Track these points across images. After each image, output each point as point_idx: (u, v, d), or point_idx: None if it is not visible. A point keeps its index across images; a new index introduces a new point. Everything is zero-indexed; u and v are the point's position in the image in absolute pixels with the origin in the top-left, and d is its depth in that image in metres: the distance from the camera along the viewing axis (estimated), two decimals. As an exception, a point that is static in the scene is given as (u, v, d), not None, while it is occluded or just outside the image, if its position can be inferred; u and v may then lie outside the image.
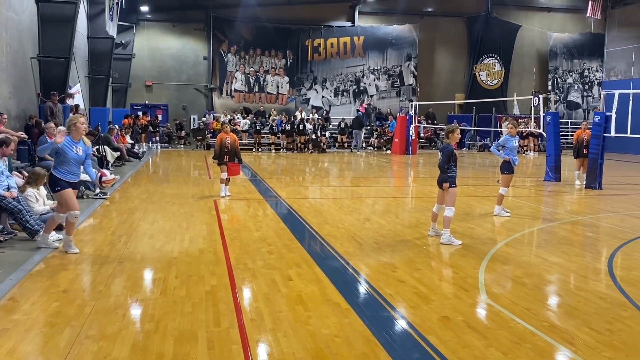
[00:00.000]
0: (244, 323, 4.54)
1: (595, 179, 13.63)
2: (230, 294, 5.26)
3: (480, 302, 5.25)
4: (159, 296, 5.21)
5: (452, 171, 7.70)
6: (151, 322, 4.55)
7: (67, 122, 6.79)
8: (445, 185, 7.66)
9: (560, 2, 31.25)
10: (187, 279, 5.71)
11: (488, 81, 30.79)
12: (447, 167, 7.66)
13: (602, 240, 8.24)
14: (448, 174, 7.66)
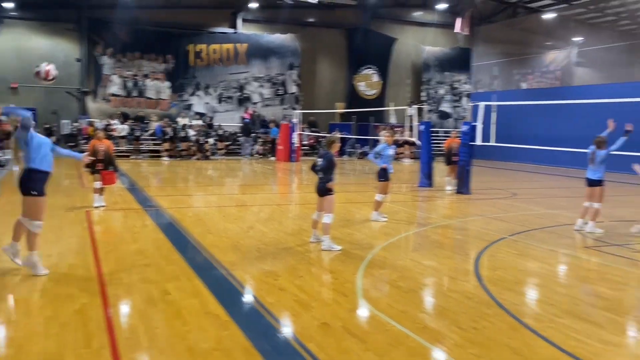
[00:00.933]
0: (117, 342, 4.31)
1: (464, 184, 14.60)
2: (102, 312, 4.97)
3: (358, 306, 5.40)
4: (22, 318, 4.80)
5: (332, 178, 7.87)
6: (11, 347, 4.18)
7: None
8: (331, 184, 7.80)
9: (432, 18, 33.20)
10: (54, 298, 5.32)
11: (367, 91, 31.97)
12: (329, 172, 7.81)
13: (470, 242, 8.83)
14: (329, 179, 7.81)
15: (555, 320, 5.08)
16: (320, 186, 7.93)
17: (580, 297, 5.90)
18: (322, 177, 7.89)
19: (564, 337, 4.68)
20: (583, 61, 31.50)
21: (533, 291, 6.32)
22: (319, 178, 7.93)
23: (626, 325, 5.12)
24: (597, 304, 5.65)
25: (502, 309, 5.39)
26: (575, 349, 4.42)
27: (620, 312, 5.42)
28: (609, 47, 29.21)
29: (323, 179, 7.87)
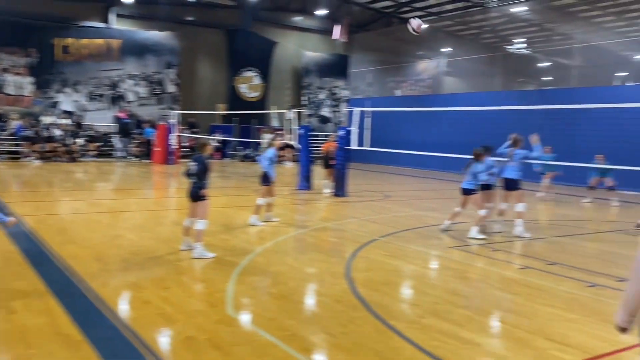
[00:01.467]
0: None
1: (341, 187, 14.90)
2: None
3: (226, 317, 5.22)
4: None
5: (205, 183, 7.62)
6: None
7: None
8: (204, 191, 7.53)
9: (312, 23, 33.72)
10: None
11: (248, 93, 31.73)
12: (203, 177, 7.56)
13: (345, 244, 8.96)
14: (203, 184, 7.56)
15: (418, 321, 5.24)
16: (192, 191, 7.64)
17: (443, 296, 6.16)
18: (195, 181, 7.60)
19: (426, 337, 4.82)
20: (451, 71, 33.60)
21: (400, 292, 6.51)
22: (192, 183, 7.64)
23: (482, 322, 5.40)
24: (457, 302, 5.93)
25: (370, 311, 5.47)
26: (436, 349, 4.57)
27: (477, 310, 5.72)
28: (473, 58, 31.40)
29: (196, 184, 7.59)
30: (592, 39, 26.21)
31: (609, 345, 4.74)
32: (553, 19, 28.54)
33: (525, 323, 5.27)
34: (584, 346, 4.74)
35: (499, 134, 22.36)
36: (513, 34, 32.30)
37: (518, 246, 9.32)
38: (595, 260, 8.40)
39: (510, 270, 7.54)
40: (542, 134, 21.49)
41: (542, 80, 37.73)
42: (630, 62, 30.99)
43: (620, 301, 2.70)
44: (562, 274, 7.29)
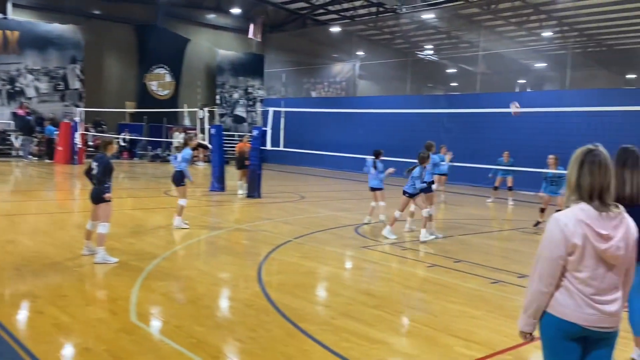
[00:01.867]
0: None
1: (255, 188, 14.70)
2: None
3: (129, 325, 4.93)
4: None
5: (108, 184, 7.21)
6: None
7: None
8: (108, 195, 7.12)
9: (226, 21, 33.20)
10: None
11: (159, 91, 30.73)
12: (106, 178, 7.15)
13: (258, 247, 8.79)
14: (105, 185, 7.15)
15: (330, 322, 5.20)
16: (94, 193, 7.21)
17: (355, 297, 6.17)
18: (97, 182, 7.18)
19: (337, 339, 4.79)
20: (365, 74, 34.27)
21: (312, 294, 6.45)
22: (94, 184, 7.21)
23: (393, 322, 5.45)
24: (369, 302, 5.95)
25: (281, 314, 5.37)
26: (347, 351, 4.54)
27: (388, 310, 5.77)
28: (385, 62, 32.20)
29: (98, 185, 7.17)
30: (495, 47, 27.61)
31: (511, 340, 4.91)
32: (459, 27, 29.80)
33: (433, 321, 5.37)
34: (488, 342, 4.88)
35: (411, 137, 23.15)
36: (423, 40, 33.44)
37: (427, 245, 9.55)
38: (498, 257, 8.77)
39: (420, 268, 7.71)
40: (449, 137, 22.44)
41: (449, 85, 39.41)
42: (530, 70, 32.96)
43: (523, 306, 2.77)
44: (467, 271, 7.54)
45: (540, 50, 30.82)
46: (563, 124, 18.84)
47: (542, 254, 2.73)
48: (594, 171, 2.69)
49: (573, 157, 2.80)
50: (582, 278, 2.67)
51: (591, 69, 31.46)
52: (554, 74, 34.54)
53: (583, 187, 2.69)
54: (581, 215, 2.66)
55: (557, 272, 2.68)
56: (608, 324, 2.68)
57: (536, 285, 2.73)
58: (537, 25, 27.50)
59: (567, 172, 2.80)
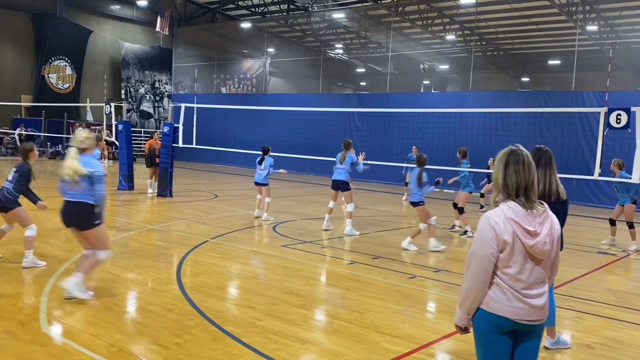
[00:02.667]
0: None
1: (166, 187, 14.24)
2: None
3: (41, 335, 4.59)
4: None
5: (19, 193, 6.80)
6: None
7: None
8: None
9: (132, 13, 31.88)
10: None
11: (59, 84, 28.96)
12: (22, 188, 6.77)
13: (173, 248, 8.53)
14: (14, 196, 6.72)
15: (255, 324, 5.13)
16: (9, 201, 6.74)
17: (279, 296, 6.13)
18: (9, 189, 6.72)
19: (265, 340, 4.73)
20: (275, 71, 34.21)
21: (235, 295, 6.34)
22: (5, 190, 6.72)
23: (319, 320, 5.47)
24: (293, 302, 5.94)
25: (205, 318, 5.23)
26: (275, 352, 4.50)
27: (311, 308, 5.78)
28: (296, 60, 32.32)
29: (10, 192, 6.72)
30: (402, 49, 28.54)
31: (434, 334, 5.08)
32: (368, 28, 30.49)
33: (357, 318, 5.45)
34: (412, 336, 5.02)
35: (322, 134, 23.39)
36: (333, 39, 33.88)
37: (345, 242, 9.69)
38: (413, 253, 9.04)
39: (340, 266, 7.80)
40: (359, 135, 22.87)
41: (359, 84, 40.28)
42: (434, 72, 34.36)
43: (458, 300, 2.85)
44: (385, 267, 7.73)
45: (444, 52, 32.27)
46: (466, 123, 19.79)
47: (475, 251, 2.83)
48: (519, 170, 2.84)
49: (498, 158, 2.94)
50: (511, 274, 2.80)
51: (490, 71, 33.39)
52: (456, 76, 36.37)
53: (510, 186, 2.83)
54: (510, 213, 2.79)
55: (489, 268, 2.79)
56: (537, 317, 2.83)
57: (470, 282, 2.83)
58: (442, 28, 28.70)
59: (494, 173, 2.94)
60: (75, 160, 5.47)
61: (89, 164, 5.51)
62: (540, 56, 32.18)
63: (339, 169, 10.55)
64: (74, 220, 5.59)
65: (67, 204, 5.57)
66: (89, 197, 5.49)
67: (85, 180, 5.43)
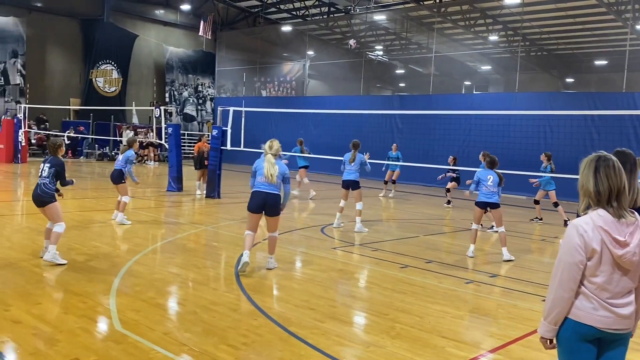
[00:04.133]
0: None
1: (214, 188, 14.48)
2: None
3: (115, 333, 4.76)
4: None
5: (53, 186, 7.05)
6: None
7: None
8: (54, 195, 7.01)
9: (175, 18, 32.53)
10: None
11: (105, 88, 29.75)
12: (56, 180, 7.05)
13: (227, 248, 8.68)
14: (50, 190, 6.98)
15: (318, 326, 5.19)
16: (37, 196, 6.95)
17: (336, 298, 6.19)
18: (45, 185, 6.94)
19: (329, 342, 4.78)
20: (314, 73, 34.33)
21: (294, 296, 6.41)
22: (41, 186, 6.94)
23: (380, 324, 5.49)
24: (352, 304, 5.98)
25: (269, 318, 5.32)
26: (341, 354, 4.55)
27: (371, 311, 5.81)
28: (335, 62, 32.38)
29: (46, 187, 6.93)
30: (443, 50, 28.27)
31: (498, 340, 5.05)
32: (410, 29, 30.34)
33: (419, 322, 5.45)
34: (477, 341, 5.01)
35: (362, 136, 23.35)
36: (374, 41, 33.81)
37: (394, 245, 9.68)
38: (466, 257, 8.97)
39: (393, 269, 7.79)
40: (400, 137, 22.78)
41: (398, 86, 40.06)
42: (476, 73, 33.93)
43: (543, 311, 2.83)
44: (440, 271, 7.70)
45: (487, 53, 31.83)
46: (512, 125, 19.50)
47: (562, 259, 2.80)
48: (610, 175, 2.78)
49: (584, 166, 2.88)
50: (598, 283, 2.76)
51: (533, 72, 32.77)
52: (499, 76, 35.81)
53: (602, 192, 2.78)
54: (599, 221, 2.76)
55: (577, 276, 2.76)
56: (623, 325, 2.79)
57: (558, 292, 2.79)
58: (484, 29, 28.34)
59: (582, 180, 2.88)
60: (273, 164, 7.10)
61: (282, 167, 7.19)
62: (586, 56, 31.43)
63: (348, 169, 10.67)
64: (270, 208, 7.10)
65: (264, 194, 7.05)
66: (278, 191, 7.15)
67: (279, 178, 7.08)
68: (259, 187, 7.08)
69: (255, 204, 7.11)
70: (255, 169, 7.23)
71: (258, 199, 7.07)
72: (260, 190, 7.06)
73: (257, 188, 7.12)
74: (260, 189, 7.07)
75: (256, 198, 7.09)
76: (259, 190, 7.07)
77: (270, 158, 7.15)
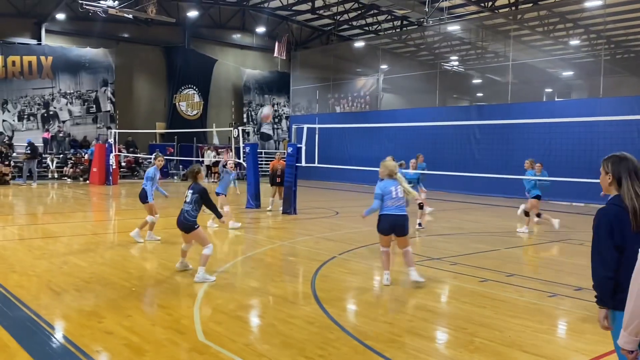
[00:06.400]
0: None
1: (290, 204, 14.78)
2: None
3: (198, 344, 4.98)
4: None
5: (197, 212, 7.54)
6: None
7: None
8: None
9: (251, 41, 33.64)
10: None
11: (188, 111, 31.15)
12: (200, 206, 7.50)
13: (304, 263, 8.83)
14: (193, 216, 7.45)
15: (395, 340, 5.19)
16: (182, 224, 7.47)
17: (414, 313, 6.15)
18: (188, 210, 7.43)
19: (407, 356, 4.77)
20: (388, 87, 34.30)
21: (370, 310, 6.43)
22: (185, 212, 7.43)
23: (459, 338, 5.41)
24: (430, 318, 5.93)
25: (345, 331, 5.38)
26: (418, 367, 4.53)
27: (449, 326, 5.73)
28: (410, 75, 32.22)
29: (189, 213, 7.42)
30: (522, 57, 27.47)
31: (582, 355, 4.84)
32: (485, 38, 29.74)
33: (498, 336, 5.32)
34: (560, 357, 4.82)
35: (438, 148, 23.07)
36: (448, 51, 33.41)
37: (474, 259, 9.47)
38: (547, 270, 8.64)
39: (473, 283, 7.64)
40: (478, 148, 22.26)
41: (475, 96, 39.22)
42: (557, 79, 32.66)
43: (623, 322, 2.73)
44: (521, 284, 7.47)
45: (568, 58, 30.61)
46: (597, 132, 18.60)
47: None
48: None
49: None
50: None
51: (620, 75, 31.10)
52: (581, 82, 34.27)
53: None
54: None
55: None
56: None
57: (637, 301, 2.68)
58: (564, 34, 27.32)
59: None
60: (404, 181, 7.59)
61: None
62: (678, 56, 29.53)
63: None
64: (400, 230, 7.39)
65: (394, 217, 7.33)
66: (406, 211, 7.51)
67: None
68: (389, 211, 7.34)
69: (388, 227, 7.40)
70: (382, 192, 7.38)
71: (389, 222, 7.36)
72: (390, 214, 7.33)
73: (386, 211, 7.36)
74: (390, 212, 7.33)
75: (387, 222, 7.37)
76: (389, 214, 7.34)
77: (401, 177, 7.54)
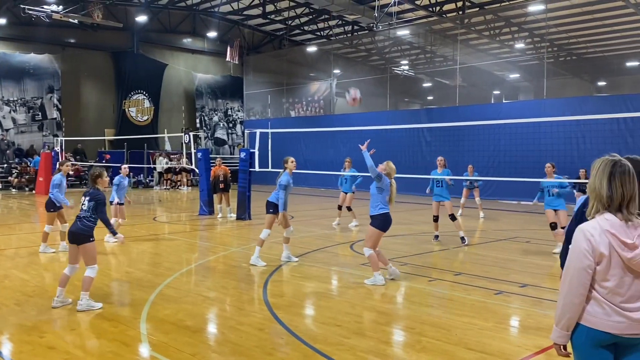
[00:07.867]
0: None
1: (245, 210, 14.67)
2: None
3: (143, 356, 4.88)
4: None
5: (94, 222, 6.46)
6: None
7: None
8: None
9: (203, 45, 33.28)
10: None
11: (138, 117, 30.54)
12: (96, 215, 6.44)
13: (255, 269, 8.76)
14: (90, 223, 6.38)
15: (344, 342, 5.21)
16: (75, 231, 6.28)
17: (363, 314, 6.19)
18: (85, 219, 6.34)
19: (354, 358, 4.80)
20: (342, 92, 34.53)
21: (320, 314, 6.44)
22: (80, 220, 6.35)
23: (407, 338, 5.48)
24: (379, 319, 5.98)
25: (294, 336, 5.37)
26: (366, 369, 4.56)
27: (398, 326, 5.80)
28: (362, 79, 32.52)
29: (82, 223, 6.31)
30: (470, 61, 28.15)
31: (525, 350, 4.98)
32: (434, 42, 30.34)
33: (445, 335, 5.41)
34: (504, 353, 4.94)
35: (391, 151, 23.35)
36: (398, 56, 33.92)
37: (423, 259, 9.62)
38: (494, 268, 8.86)
39: (422, 283, 7.76)
40: (429, 150, 22.66)
41: (426, 99, 39.95)
42: (505, 81, 33.60)
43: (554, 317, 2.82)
44: (468, 283, 7.63)
45: (514, 61, 31.55)
46: (542, 133, 19.22)
47: (570, 265, 2.79)
48: (625, 182, 2.75)
49: (599, 169, 2.82)
50: (609, 287, 2.73)
51: (564, 77, 32.27)
52: (528, 84, 35.39)
53: (615, 198, 2.75)
54: (606, 225, 2.74)
55: (587, 281, 2.74)
56: (638, 330, 2.75)
57: (567, 297, 2.78)
58: (510, 37, 28.15)
59: (594, 183, 2.84)
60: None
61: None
62: (617, 58, 30.81)
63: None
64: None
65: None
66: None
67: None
68: (389, 210, 7.63)
69: (389, 226, 7.74)
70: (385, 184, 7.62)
71: (390, 221, 7.69)
72: (389, 213, 7.65)
73: (387, 210, 7.62)
74: (389, 212, 7.65)
75: (389, 221, 7.67)
76: (389, 213, 7.64)
77: (394, 183, 7.79)
